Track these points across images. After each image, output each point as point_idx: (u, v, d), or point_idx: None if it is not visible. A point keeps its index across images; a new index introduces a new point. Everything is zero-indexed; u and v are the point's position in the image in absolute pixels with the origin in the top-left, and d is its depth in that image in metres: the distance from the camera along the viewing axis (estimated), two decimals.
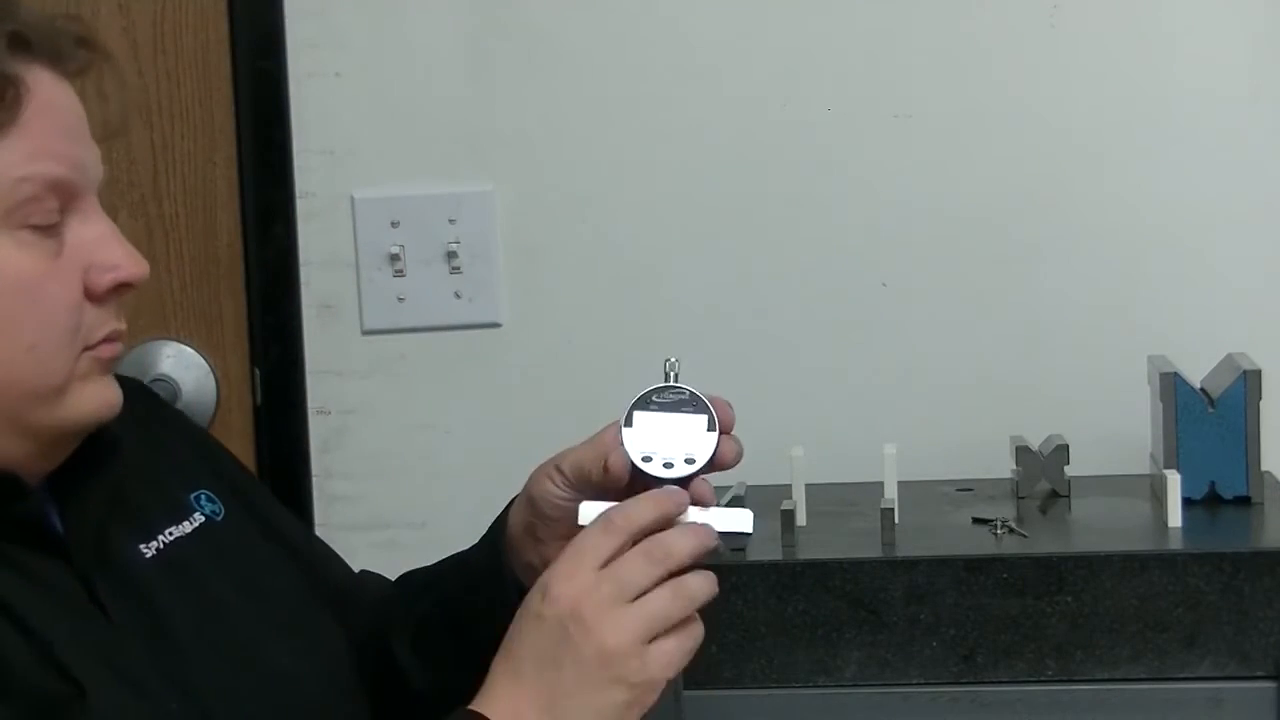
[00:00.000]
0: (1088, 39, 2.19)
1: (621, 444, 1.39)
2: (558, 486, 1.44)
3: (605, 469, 1.39)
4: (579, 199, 2.26)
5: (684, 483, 1.37)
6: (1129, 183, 2.19)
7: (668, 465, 1.38)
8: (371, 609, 1.59)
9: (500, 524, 1.50)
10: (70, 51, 1.34)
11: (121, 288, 1.34)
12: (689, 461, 1.38)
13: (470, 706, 1.30)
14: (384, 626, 1.56)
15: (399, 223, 2.27)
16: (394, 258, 2.27)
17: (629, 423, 1.39)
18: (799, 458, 1.97)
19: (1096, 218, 2.20)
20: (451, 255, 2.26)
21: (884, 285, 2.23)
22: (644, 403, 1.40)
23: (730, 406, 1.42)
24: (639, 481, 1.38)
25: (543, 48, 2.24)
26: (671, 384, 1.41)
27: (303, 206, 2.28)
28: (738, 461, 1.41)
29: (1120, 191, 2.19)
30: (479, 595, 1.48)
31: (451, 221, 2.26)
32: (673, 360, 1.43)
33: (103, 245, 1.34)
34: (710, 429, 1.39)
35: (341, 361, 2.30)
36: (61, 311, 1.31)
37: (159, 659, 1.34)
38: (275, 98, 2.26)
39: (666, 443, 1.39)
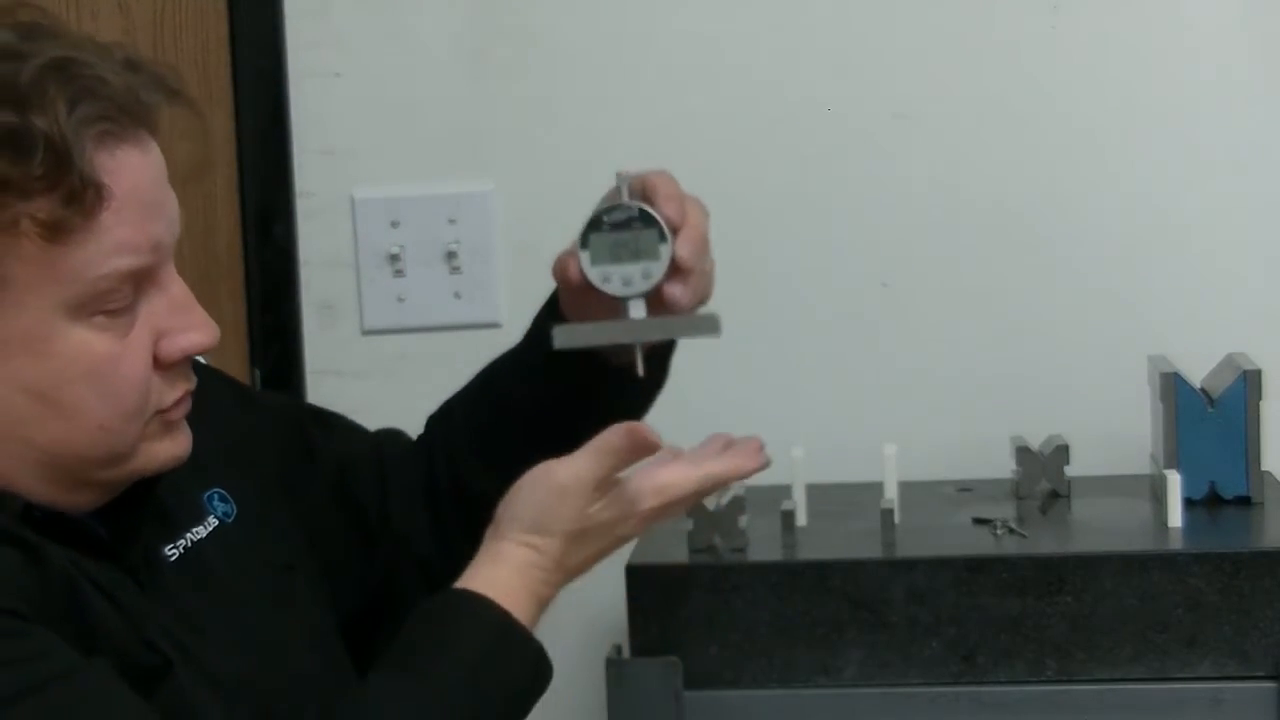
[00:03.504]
0: (1088, 39, 2.19)
1: (579, 267, 1.46)
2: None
3: (566, 277, 1.49)
4: (579, 199, 2.25)
5: (646, 296, 1.45)
6: (1129, 182, 2.19)
7: (626, 283, 1.45)
8: (403, 454, 1.64)
9: (550, 312, 1.58)
10: (156, 104, 1.34)
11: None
12: (646, 277, 1.45)
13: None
14: (429, 455, 1.62)
15: (399, 223, 2.27)
16: (394, 258, 2.27)
17: (584, 245, 1.44)
18: (799, 458, 1.97)
19: (1096, 217, 2.20)
20: (451, 255, 2.26)
21: (884, 285, 2.23)
22: (596, 224, 1.45)
23: (700, 209, 1.50)
24: (612, 298, 1.46)
25: (543, 48, 2.24)
26: (622, 202, 1.46)
27: (303, 206, 2.28)
28: (698, 287, 1.50)
29: (1120, 191, 2.19)
30: (582, 375, 1.54)
31: (451, 221, 2.26)
32: (624, 174, 1.47)
33: (175, 313, 1.34)
34: (662, 240, 1.43)
35: (341, 361, 2.30)
36: (130, 392, 1.32)
37: (199, 653, 1.37)
38: (275, 98, 2.26)
39: (622, 261, 1.45)
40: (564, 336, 1.49)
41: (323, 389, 2.29)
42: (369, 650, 1.55)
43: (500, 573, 1.42)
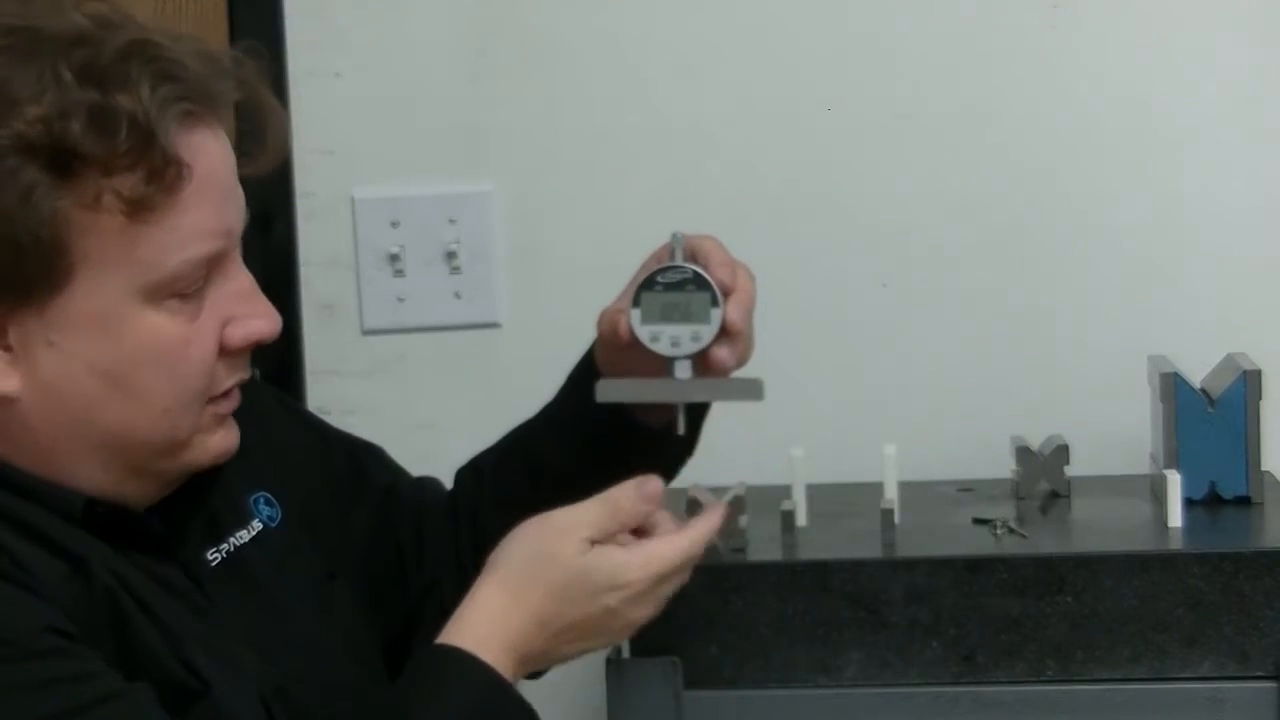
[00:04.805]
0: (1088, 39, 2.19)
1: (629, 324, 1.47)
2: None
3: (614, 333, 1.48)
4: (579, 199, 2.26)
5: (693, 358, 1.46)
6: (1129, 183, 2.19)
7: (675, 343, 1.46)
8: (439, 503, 1.64)
9: (586, 371, 1.56)
10: (226, 93, 1.35)
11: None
12: (695, 339, 1.46)
13: (472, 623, 1.37)
14: (456, 511, 1.62)
15: (399, 223, 2.27)
16: (394, 258, 2.27)
17: (635, 303, 1.45)
18: (799, 458, 1.97)
19: (1096, 218, 2.20)
20: (451, 255, 2.26)
21: (884, 285, 2.23)
22: (649, 283, 1.46)
23: (749, 275, 1.51)
24: (654, 356, 1.47)
25: (543, 48, 2.24)
26: (675, 263, 1.46)
27: (303, 206, 2.28)
28: (742, 351, 1.51)
29: (1120, 191, 2.19)
30: (614, 436, 1.53)
31: (451, 221, 2.26)
32: (679, 235, 1.47)
33: (242, 301, 1.35)
34: (714, 305, 1.44)
35: (341, 361, 2.30)
36: (196, 375, 1.33)
37: (236, 662, 1.37)
38: (275, 97, 2.25)
39: (673, 321, 1.46)
40: (607, 391, 1.50)
41: (323, 389, 2.29)
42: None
43: (481, 627, 1.37)
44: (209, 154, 1.32)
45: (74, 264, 1.27)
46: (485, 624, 1.37)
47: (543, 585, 1.38)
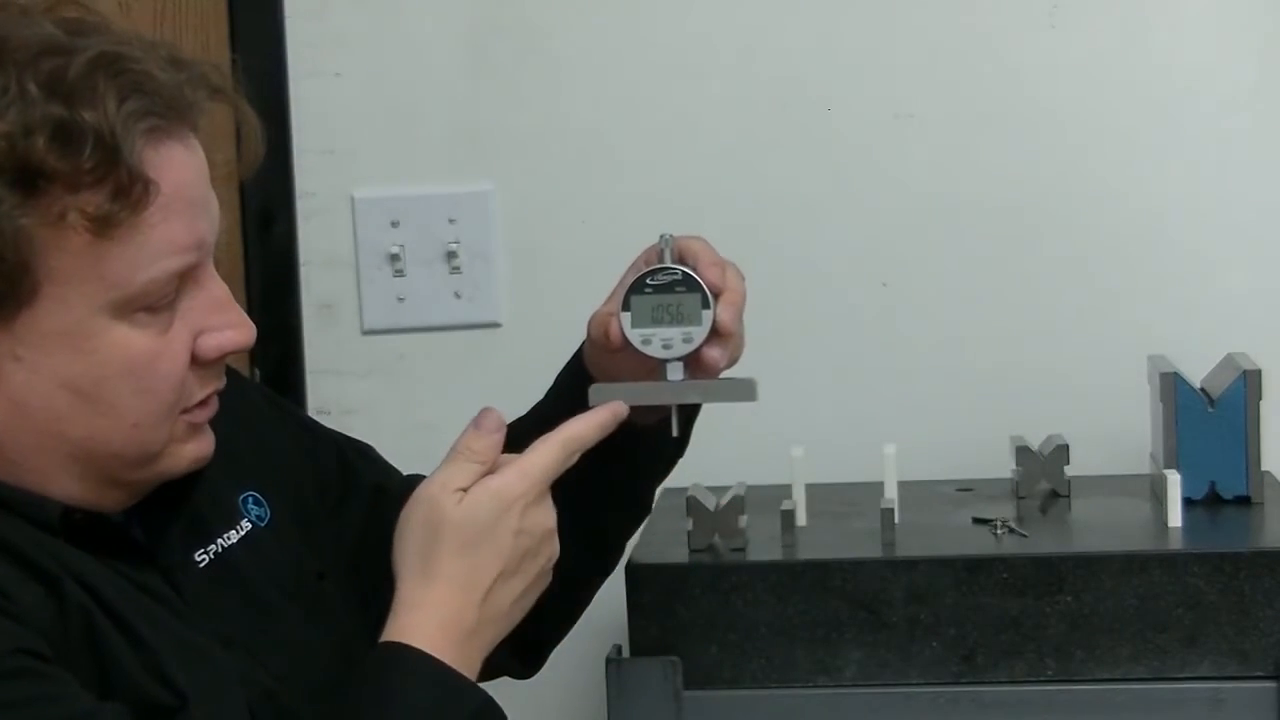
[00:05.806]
0: (1088, 39, 2.19)
1: (620, 328, 1.47)
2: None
3: (605, 337, 1.48)
4: (579, 199, 2.26)
5: (685, 359, 1.47)
6: (1129, 182, 2.19)
7: (667, 346, 1.47)
8: None
9: (576, 374, 1.56)
10: (199, 102, 1.33)
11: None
12: (686, 340, 1.47)
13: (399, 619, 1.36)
14: None
15: (399, 223, 2.27)
16: (394, 258, 2.27)
17: (625, 307, 1.45)
18: (799, 458, 1.97)
19: (1096, 217, 2.20)
20: (451, 255, 2.26)
21: (884, 285, 2.23)
22: (639, 286, 1.46)
23: (738, 275, 1.50)
24: (645, 358, 1.47)
25: (543, 48, 2.24)
26: (664, 265, 1.47)
27: (303, 206, 2.28)
28: (733, 351, 1.51)
29: (1120, 191, 2.19)
30: (605, 438, 1.48)
31: (451, 221, 2.26)
32: (667, 236, 1.48)
33: (215, 311, 1.34)
34: (705, 306, 1.43)
35: (341, 361, 2.30)
36: (167, 388, 1.32)
37: (222, 666, 1.36)
38: (275, 98, 2.26)
39: (664, 324, 1.47)
40: (601, 395, 1.49)
41: (323, 389, 2.29)
42: None
43: (413, 618, 1.36)
44: (178, 167, 1.31)
45: (40, 281, 1.26)
46: (409, 613, 1.36)
47: (444, 554, 1.36)
